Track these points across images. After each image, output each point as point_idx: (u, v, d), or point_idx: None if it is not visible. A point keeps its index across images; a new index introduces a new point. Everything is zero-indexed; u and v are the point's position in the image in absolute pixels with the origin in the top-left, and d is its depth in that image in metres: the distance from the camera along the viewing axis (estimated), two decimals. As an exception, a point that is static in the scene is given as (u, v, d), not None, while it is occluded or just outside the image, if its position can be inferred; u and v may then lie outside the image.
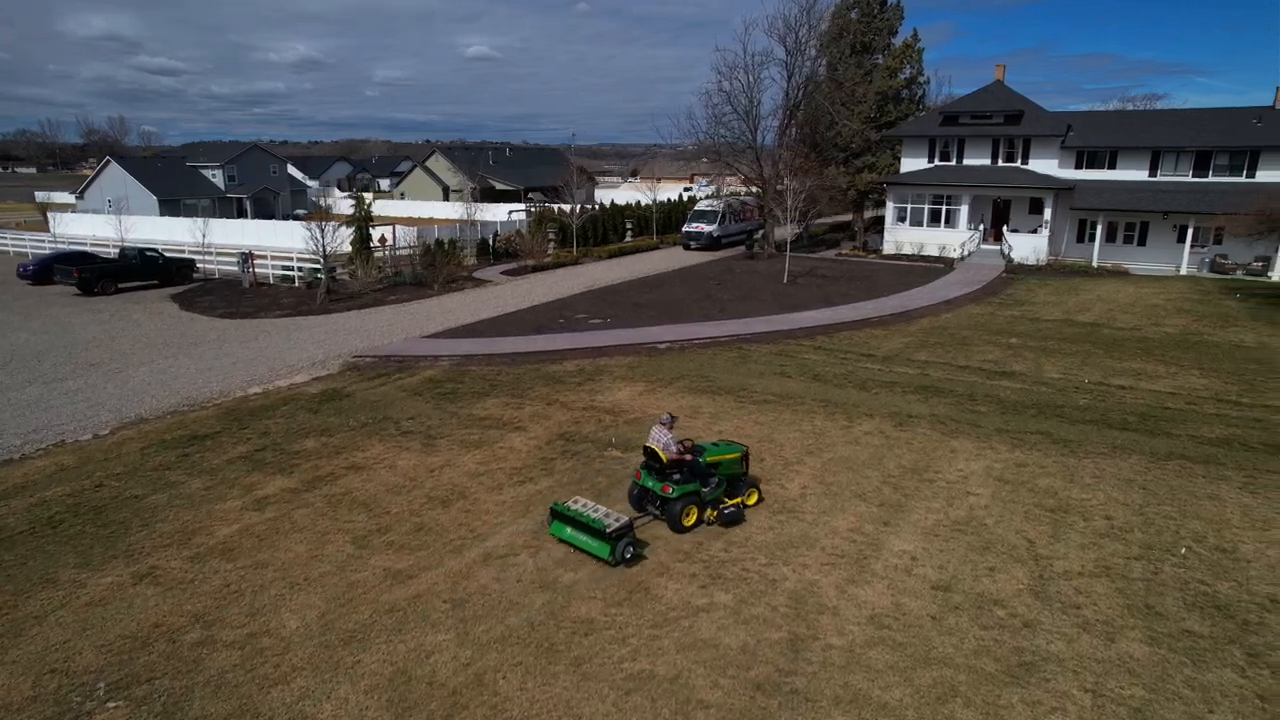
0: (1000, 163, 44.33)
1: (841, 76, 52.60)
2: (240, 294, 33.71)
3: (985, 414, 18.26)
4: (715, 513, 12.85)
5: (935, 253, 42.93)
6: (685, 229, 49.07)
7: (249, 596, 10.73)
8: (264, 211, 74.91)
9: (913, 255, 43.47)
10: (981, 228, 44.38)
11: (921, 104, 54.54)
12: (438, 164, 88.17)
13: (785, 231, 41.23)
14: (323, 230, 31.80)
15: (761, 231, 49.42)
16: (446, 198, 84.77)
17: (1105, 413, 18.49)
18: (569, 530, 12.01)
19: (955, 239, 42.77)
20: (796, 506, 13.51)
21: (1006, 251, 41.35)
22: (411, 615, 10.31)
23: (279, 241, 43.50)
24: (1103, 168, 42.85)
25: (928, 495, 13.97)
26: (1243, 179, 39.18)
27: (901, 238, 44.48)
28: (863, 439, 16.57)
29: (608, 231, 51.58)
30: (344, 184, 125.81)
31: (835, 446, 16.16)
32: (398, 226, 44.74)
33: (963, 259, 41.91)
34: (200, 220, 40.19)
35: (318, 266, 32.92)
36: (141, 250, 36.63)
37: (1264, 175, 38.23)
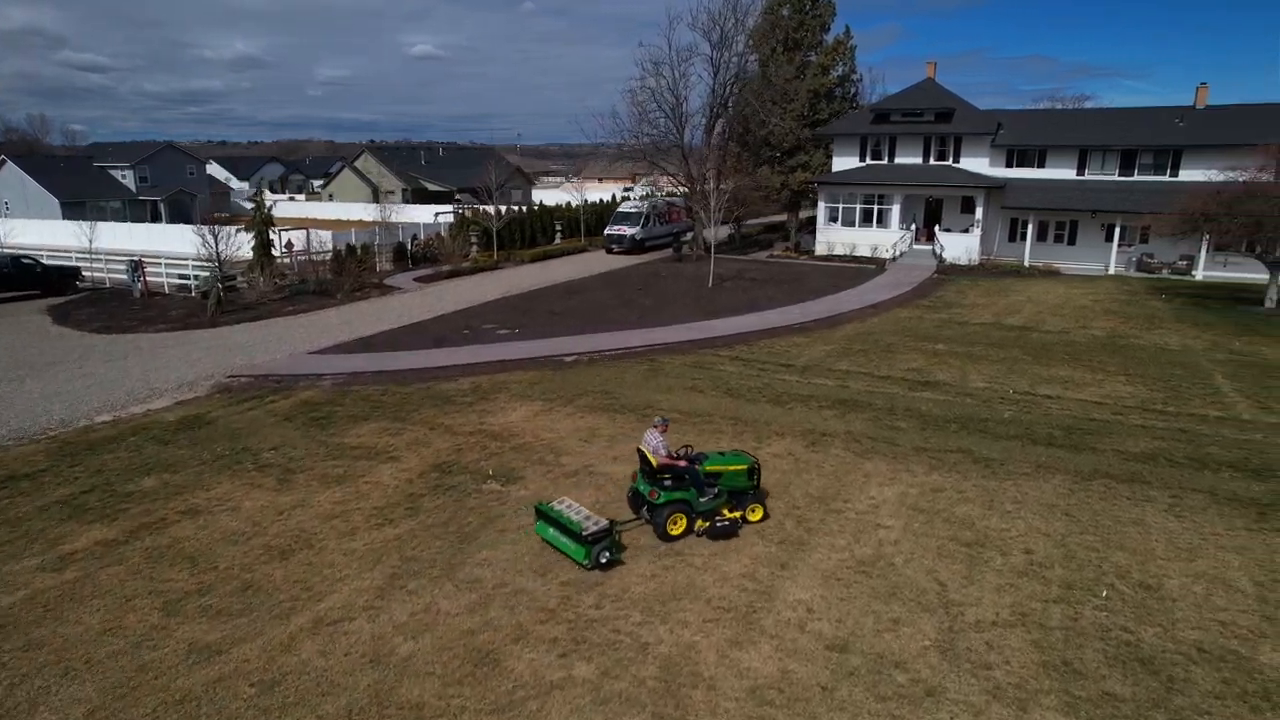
0: (932, 161, 43.72)
1: (773, 74, 51.68)
2: (128, 305, 31.19)
3: (904, 430, 17.04)
4: (708, 524, 12.13)
5: (867, 253, 42.09)
6: (607, 231, 47.18)
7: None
8: (181, 215, 71.28)
9: (845, 256, 42.58)
10: (913, 227, 43.70)
11: (855, 102, 53.89)
12: (367, 164, 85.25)
13: (715, 233, 39.95)
14: (215, 235, 29.51)
15: (690, 234, 48.11)
16: (377, 199, 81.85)
17: (1030, 426, 17.42)
18: (551, 531, 11.71)
19: (887, 239, 41.99)
20: (685, 549, 12.03)
21: (938, 251, 40.69)
22: (205, 707, 8.55)
23: (179, 247, 40.77)
24: (1033, 166, 42.49)
25: (834, 529, 12.61)
26: (1166, 178, 39.08)
27: (833, 238, 43.57)
28: (770, 462, 15.16)
29: (536, 234, 49.84)
30: (277, 186, 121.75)
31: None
32: (311, 230, 42.42)
33: (895, 259, 41.12)
34: (87, 224, 37.22)
35: (222, 275, 30.60)
36: (16, 257, 33.74)
37: (1186, 174, 38.12)
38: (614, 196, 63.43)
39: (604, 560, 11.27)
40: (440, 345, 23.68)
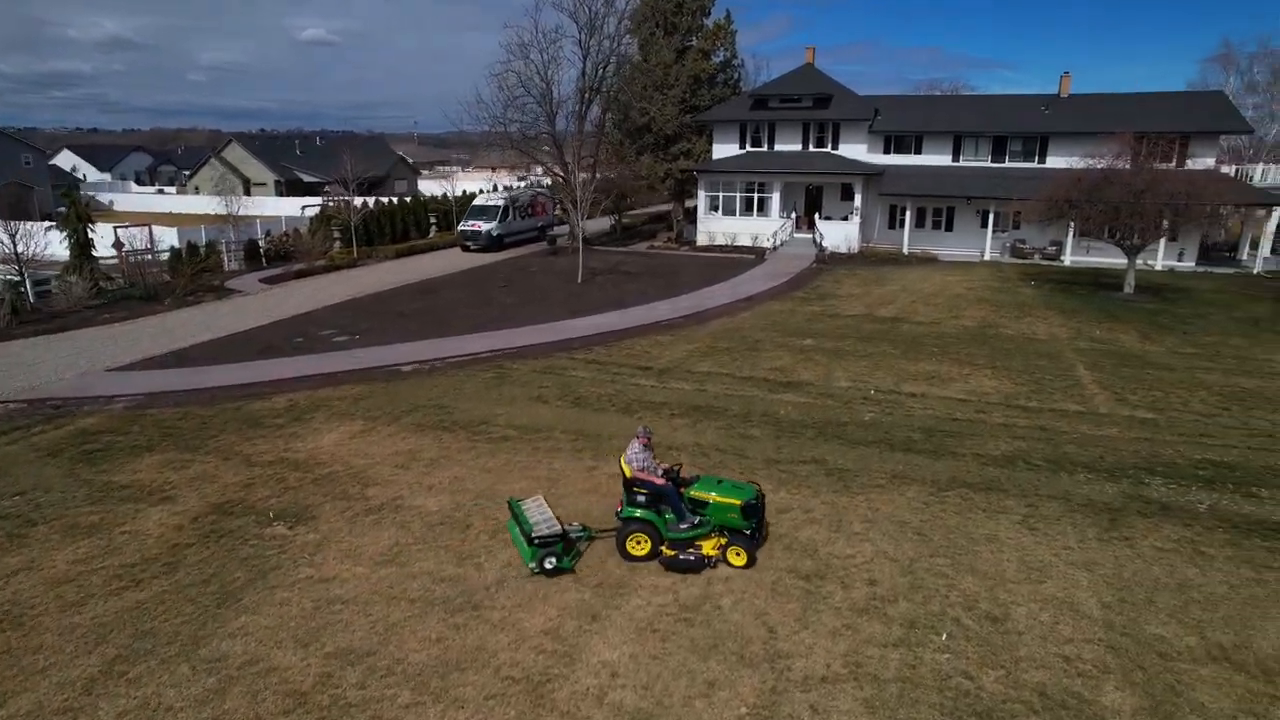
0: (811, 148, 43.14)
1: (652, 58, 50.26)
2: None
3: (757, 440, 15.79)
4: (673, 553, 10.88)
5: (748, 243, 41.21)
6: (460, 228, 43.16)
7: None
8: (19, 210, 64.81)
9: (725, 246, 41.58)
10: (794, 216, 43.06)
11: (737, 89, 52.97)
12: (235, 155, 79.91)
13: (593, 225, 38.28)
14: (13, 233, 26.09)
15: (555, 227, 46.28)
16: (248, 192, 76.97)
17: (890, 429, 16.45)
18: (515, 530, 11.35)
19: (767, 228, 41.20)
20: (489, 599, 10.36)
21: (818, 240, 40.09)
22: None
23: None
24: (910, 152, 42.39)
25: (660, 567, 11.15)
26: (1035, 164, 39.49)
27: (714, 228, 42.53)
28: (604, 486, 13.65)
29: (409, 228, 47.10)
30: (144, 177, 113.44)
31: (568, 499, 13.15)
32: (154, 227, 38.74)
33: (775, 249, 40.33)
34: None
35: (18, 279, 27.13)
36: None
37: (1053, 161, 38.54)
38: (495, 187, 60.89)
39: (549, 566, 10.74)
40: (265, 356, 21.26)
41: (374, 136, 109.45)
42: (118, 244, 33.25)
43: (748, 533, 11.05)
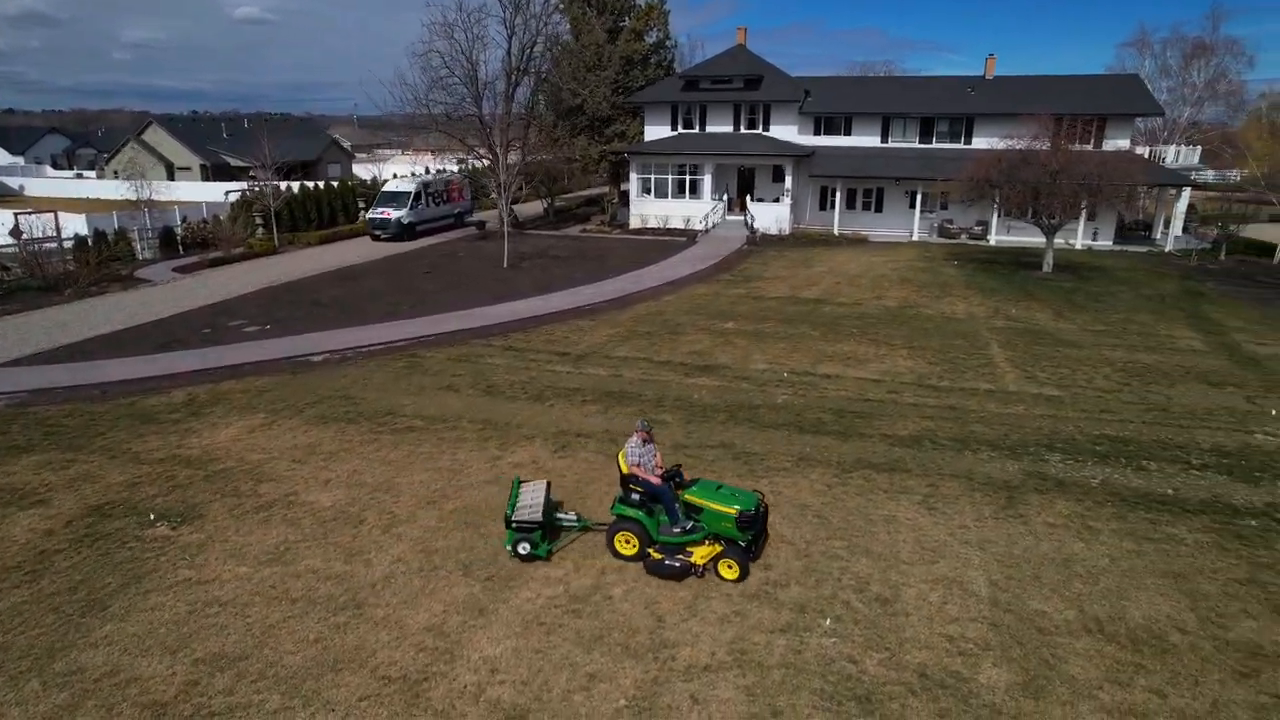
0: (743, 129, 43.07)
1: (584, 39, 49.67)
2: None
3: (668, 425, 15.66)
4: (660, 556, 10.33)
5: (681, 225, 41.05)
6: (369, 215, 40.73)
7: None
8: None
9: (658, 229, 41.35)
10: (726, 198, 43.02)
11: (670, 70, 52.69)
12: (157, 137, 76.88)
13: (527, 209, 37.69)
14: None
15: (473, 214, 45.51)
16: (172, 176, 74.22)
17: (802, 412, 16.47)
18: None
19: (699, 210, 41.09)
20: (373, 596, 10.05)
21: (750, 222, 40.12)
22: None
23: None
24: (840, 134, 42.62)
25: (556, 557, 10.95)
26: (961, 145, 40.01)
27: (647, 211, 42.28)
28: (507, 475, 13.38)
29: (336, 213, 45.80)
30: (61, 161, 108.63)
31: (467, 491, 12.87)
32: (61, 214, 36.97)
33: (707, 231, 40.28)
34: None
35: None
36: None
37: (978, 141, 39.10)
38: (426, 169, 59.58)
39: (523, 552, 10.66)
40: (167, 349, 20.42)
41: (305, 119, 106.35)
42: (16, 231, 31.63)
43: (743, 544, 10.41)
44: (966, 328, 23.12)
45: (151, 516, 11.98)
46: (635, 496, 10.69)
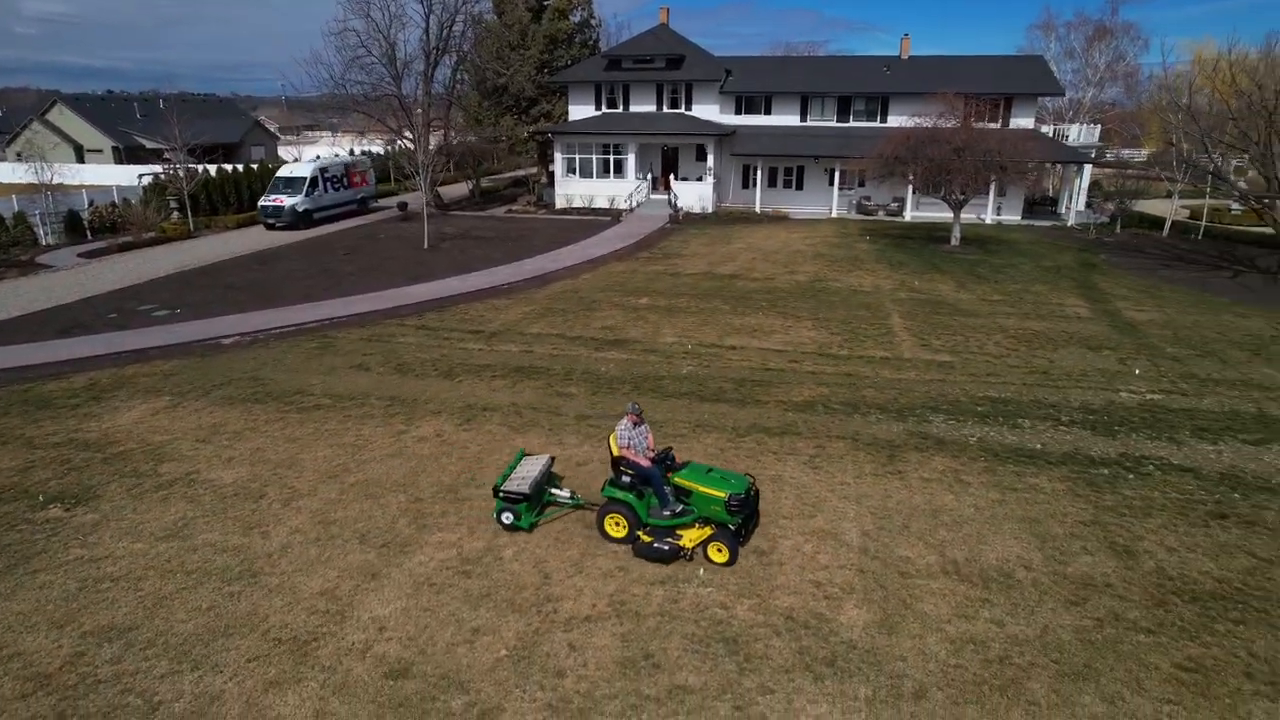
0: (665, 109, 43.48)
1: (508, 18, 49.37)
2: None
3: (573, 397, 16.12)
4: (650, 539, 10.28)
5: (606, 205, 41.37)
6: (261, 203, 38.34)
7: None
8: None
9: (583, 208, 41.61)
10: (650, 177, 43.45)
11: (596, 49, 52.72)
12: (63, 118, 73.85)
13: (454, 191, 37.50)
14: None
15: (376, 200, 45.00)
16: (81, 159, 71.47)
17: (704, 381, 17.08)
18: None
19: (624, 189, 41.45)
20: (269, 566, 10.31)
21: (673, 200, 40.62)
22: None
23: None
24: (760, 113, 43.32)
25: (453, 523, 11.35)
26: (877, 124, 41.05)
27: (572, 190, 42.46)
28: (410, 448, 13.69)
29: (255, 197, 44.83)
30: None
31: (370, 464, 13.14)
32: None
33: (632, 210, 40.69)
34: None
35: None
36: None
37: (894, 120, 40.14)
38: (351, 151, 58.53)
39: (506, 521, 10.91)
40: (69, 335, 20.05)
41: (227, 100, 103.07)
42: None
43: (733, 528, 10.36)
44: (871, 300, 24.04)
45: (41, 498, 11.98)
46: (626, 479, 10.68)
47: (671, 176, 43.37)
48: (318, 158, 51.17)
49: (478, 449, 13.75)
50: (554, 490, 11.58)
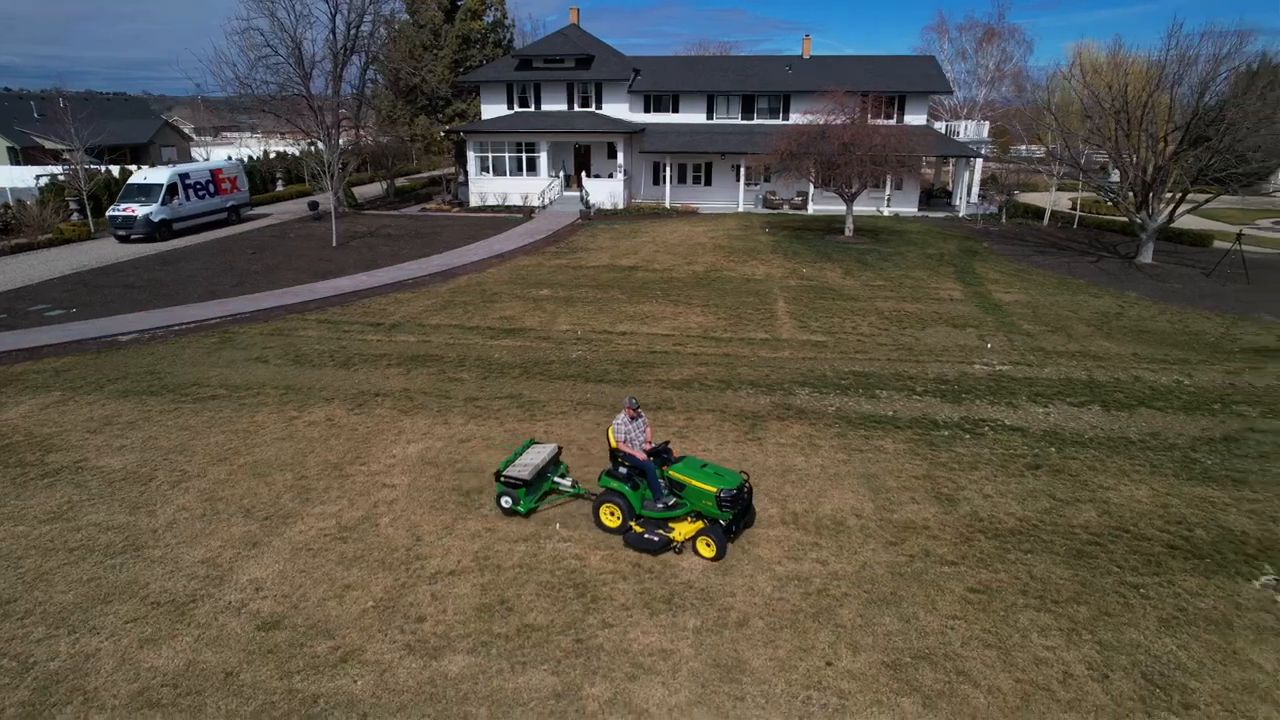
0: (576, 108, 44.36)
1: (421, 18, 49.65)
2: None
3: (464, 382, 16.92)
4: (642, 530, 10.51)
5: (519, 202, 42.07)
6: (110, 213, 34.09)
7: None
8: None
9: (497, 206, 42.23)
10: (563, 175, 44.27)
11: (510, 49, 53.32)
12: (-45, 119, 70.87)
13: (370, 190, 37.66)
14: None
15: (250, 207, 44.64)
16: (-23, 161, 68.73)
17: (591, 365, 18.06)
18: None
19: (537, 187, 42.20)
20: (153, 540, 10.89)
21: (585, 197, 41.54)
22: None
23: None
24: (669, 111, 44.54)
25: (335, 496, 12.06)
26: (780, 121, 42.66)
27: (486, 188, 43.02)
28: (301, 432, 14.33)
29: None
30: None
31: (259, 448, 13.74)
32: None
33: (544, 207, 41.48)
34: None
35: None
36: None
37: (795, 117, 41.70)
38: (267, 153, 57.82)
39: (505, 506, 11.29)
40: (-43, 335, 19.96)
41: (134, 99, 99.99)
42: None
43: (723, 523, 10.48)
44: (762, 287, 25.38)
45: (-76, 487, 12.28)
46: (622, 470, 10.98)
47: (584, 174, 44.28)
48: (229, 158, 50.61)
49: (366, 431, 14.46)
50: (557, 479, 11.93)
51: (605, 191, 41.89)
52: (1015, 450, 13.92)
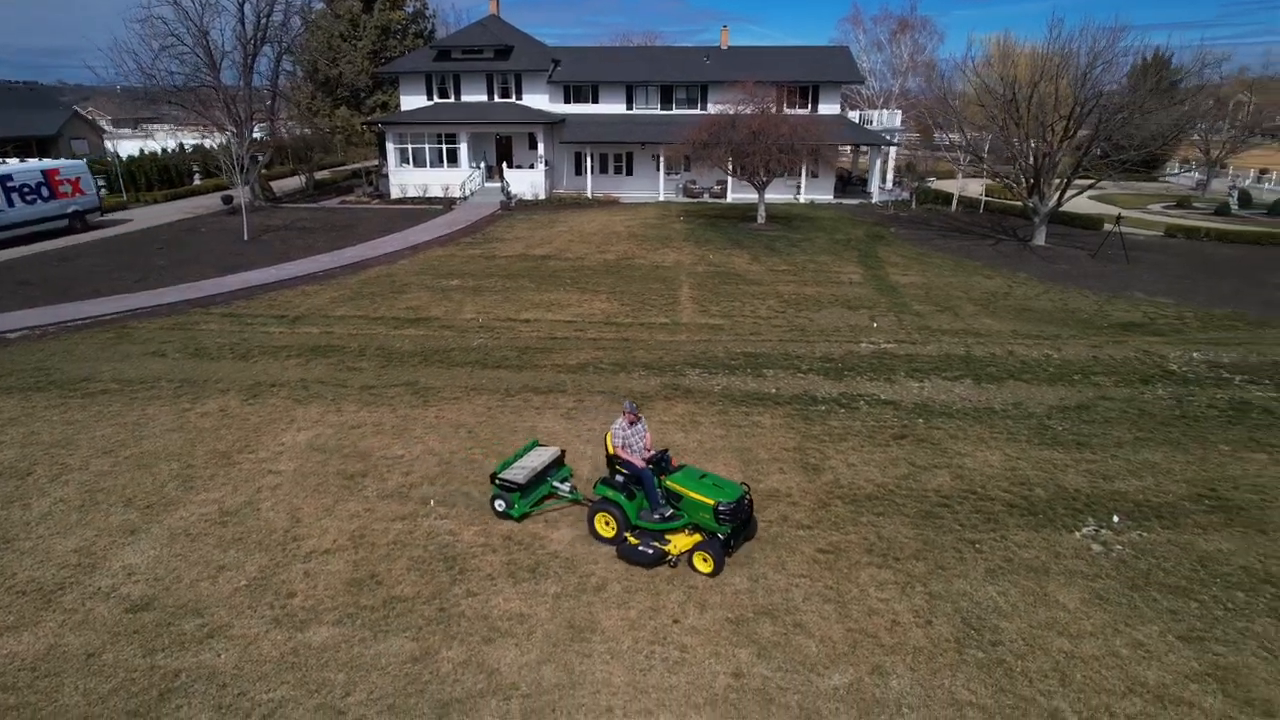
0: (496, 99, 44.41)
1: (339, 8, 49.12)
2: None
3: (362, 371, 17.16)
4: (637, 541, 10.18)
5: (440, 193, 42.00)
6: None
7: None
8: None
9: (417, 198, 42.10)
10: (485, 165, 44.33)
11: (431, 39, 52.99)
12: None
13: (291, 183, 37.18)
14: None
15: (97, 212, 43.52)
16: None
17: (491, 351, 18.44)
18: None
19: (457, 178, 42.19)
20: (25, 532, 10.97)
21: (505, 188, 41.70)
22: None
23: None
24: (589, 102, 44.89)
25: (219, 484, 12.27)
26: (697, 111, 43.31)
27: (406, 180, 42.85)
28: (193, 423, 14.44)
29: (70, 191, 42.92)
30: None
31: (148, 440, 13.82)
32: None
33: (466, 198, 41.52)
34: None
35: None
36: None
37: (712, 107, 42.39)
38: (182, 145, 56.22)
39: (498, 508, 11.21)
40: None
41: (41, 89, 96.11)
42: None
43: (721, 537, 10.05)
44: (670, 274, 26.01)
45: None
46: (619, 478, 10.59)
47: (505, 164, 44.39)
48: (141, 152, 49.30)
49: (258, 420, 14.63)
50: (556, 484, 11.67)
51: (526, 182, 42.11)
52: (885, 422, 14.76)
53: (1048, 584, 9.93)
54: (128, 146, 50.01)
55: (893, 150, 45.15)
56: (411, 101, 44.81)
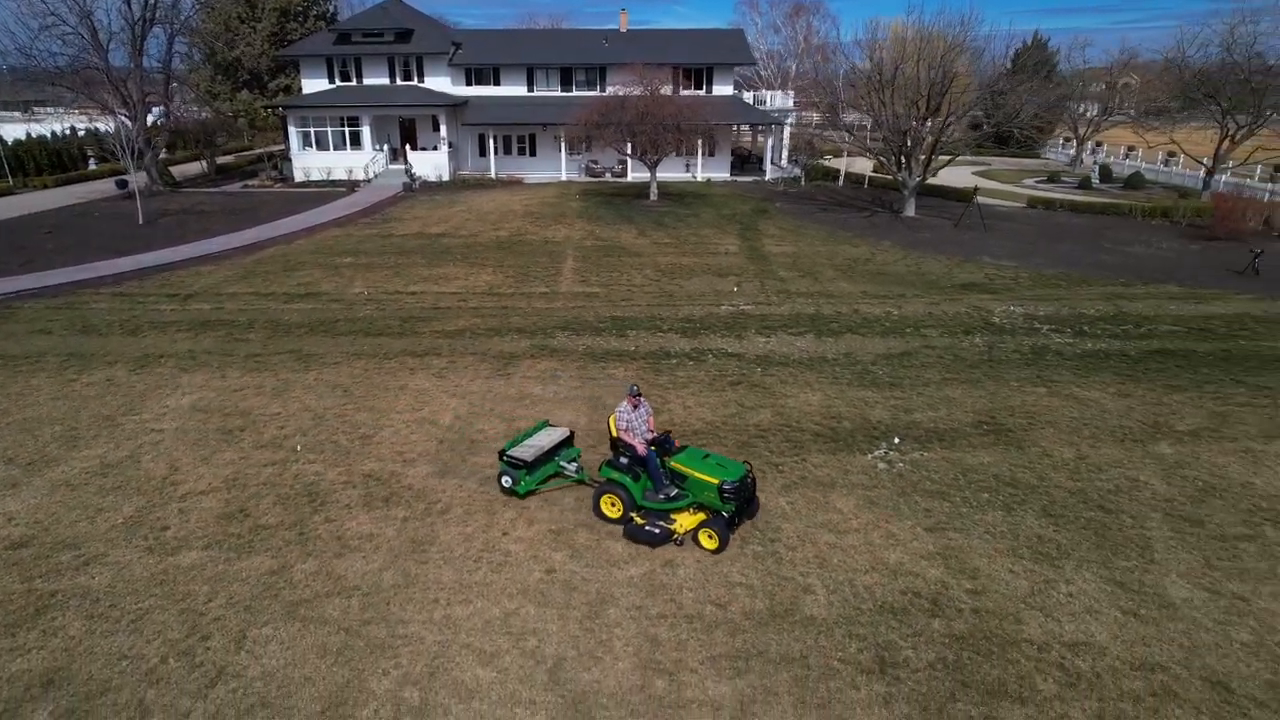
0: (399, 81, 44.91)
1: (234, -11, 48.73)
2: None
3: (249, 342, 18.17)
4: (644, 521, 10.51)
5: (344, 176, 42.45)
6: None
7: None
8: None
9: (321, 181, 42.44)
10: (388, 148, 44.88)
11: (334, 22, 52.92)
12: None
13: (193, 168, 37.14)
14: None
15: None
16: None
17: (375, 321, 19.61)
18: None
19: (360, 161, 42.70)
20: (-85, 488, 11.87)
21: (410, 170, 42.38)
22: None
23: None
24: (490, 84, 45.75)
25: (103, 443, 13.27)
26: (597, 93, 44.56)
27: (309, 163, 43.13)
28: (78, 392, 15.33)
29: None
30: None
31: (31, 408, 14.67)
32: None
33: (369, 181, 42.09)
34: None
35: None
36: None
37: (611, 89, 43.70)
38: (74, 128, 54.86)
39: (504, 484, 11.53)
40: None
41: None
42: None
43: (726, 515, 10.34)
44: (557, 249, 27.43)
45: None
46: (623, 460, 10.88)
47: (409, 147, 44.99)
48: (28, 135, 48.13)
49: (144, 388, 15.59)
50: (563, 464, 11.94)
51: (430, 164, 42.85)
52: (726, 372, 16.52)
53: (831, 495, 11.76)
54: (13, 130, 48.61)
55: (787, 130, 47.22)
56: (313, 85, 44.98)
